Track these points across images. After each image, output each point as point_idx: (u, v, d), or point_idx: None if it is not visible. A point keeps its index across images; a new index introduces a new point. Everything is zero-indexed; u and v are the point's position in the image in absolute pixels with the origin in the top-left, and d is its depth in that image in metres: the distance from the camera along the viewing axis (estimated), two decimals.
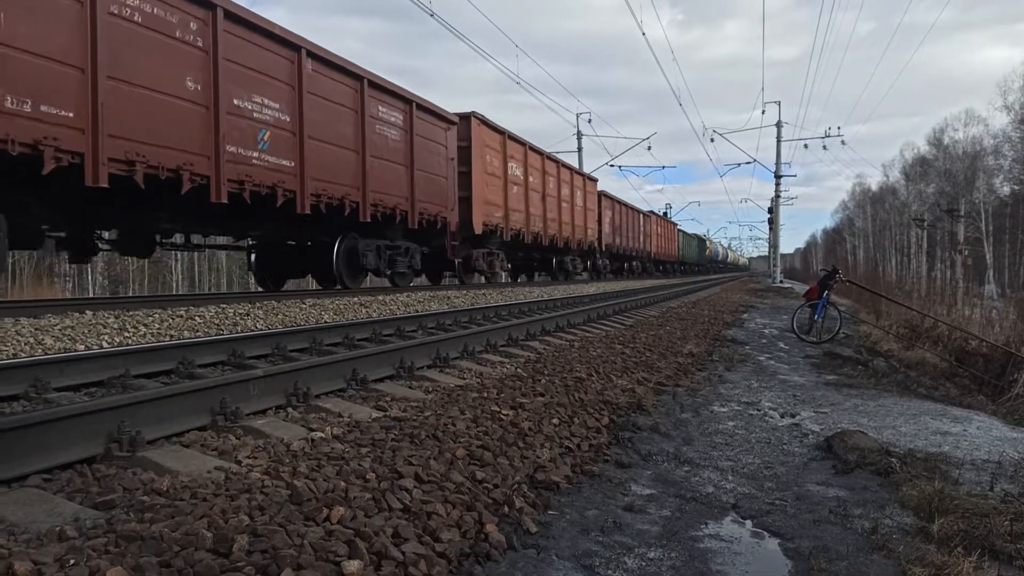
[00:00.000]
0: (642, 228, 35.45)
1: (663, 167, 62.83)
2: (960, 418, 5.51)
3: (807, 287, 13.31)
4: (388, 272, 12.59)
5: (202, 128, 7.78)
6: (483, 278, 17.36)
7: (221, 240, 12.92)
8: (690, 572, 2.50)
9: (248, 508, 2.29)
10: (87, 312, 6.41)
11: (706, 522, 3.02)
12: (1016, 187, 44.42)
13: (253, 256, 12.40)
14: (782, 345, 10.49)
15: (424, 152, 12.68)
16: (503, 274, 19.83)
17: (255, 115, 8.59)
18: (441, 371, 5.49)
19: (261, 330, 6.42)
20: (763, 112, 73.76)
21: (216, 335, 5.96)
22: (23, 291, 30.38)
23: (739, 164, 46.42)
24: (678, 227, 50.13)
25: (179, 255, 41.45)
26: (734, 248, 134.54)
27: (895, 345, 11.22)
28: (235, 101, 8.24)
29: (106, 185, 6.56)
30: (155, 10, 7.13)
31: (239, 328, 6.65)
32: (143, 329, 5.97)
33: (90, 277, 37.30)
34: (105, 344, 5.36)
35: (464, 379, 5.25)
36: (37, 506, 2.35)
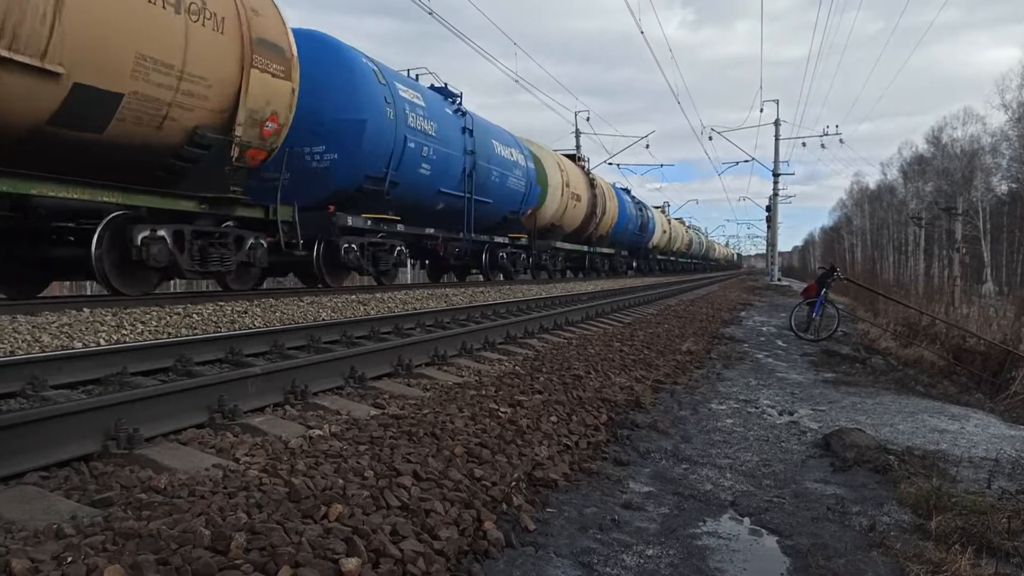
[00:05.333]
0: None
1: (661, 165, 62.72)
2: (958, 416, 5.52)
3: (805, 285, 13.31)
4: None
5: None
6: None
7: None
8: (688, 569, 2.50)
9: (246, 506, 2.29)
10: (84, 310, 6.39)
11: (704, 519, 3.02)
12: (1014, 185, 44.47)
13: None
14: (780, 343, 10.50)
15: None
16: None
17: None
18: (439, 369, 5.49)
19: (259, 328, 6.41)
20: (761, 111, 73.71)
21: (214, 333, 5.95)
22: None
23: (737, 163, 46.57)
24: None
25: None
26: (722, 241, 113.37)
27: (893, 343, 11.23)
28: None
29: None
30: None
31: (237, 326, 6.64)
32: (140, 327, 5.96)
33: None
34: (102, 342, 5.35)
35: (462, 377, 5.24)
36: (34, 504, 2.35)
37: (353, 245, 11.46)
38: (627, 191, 34.69)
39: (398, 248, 12.93)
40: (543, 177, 20.84)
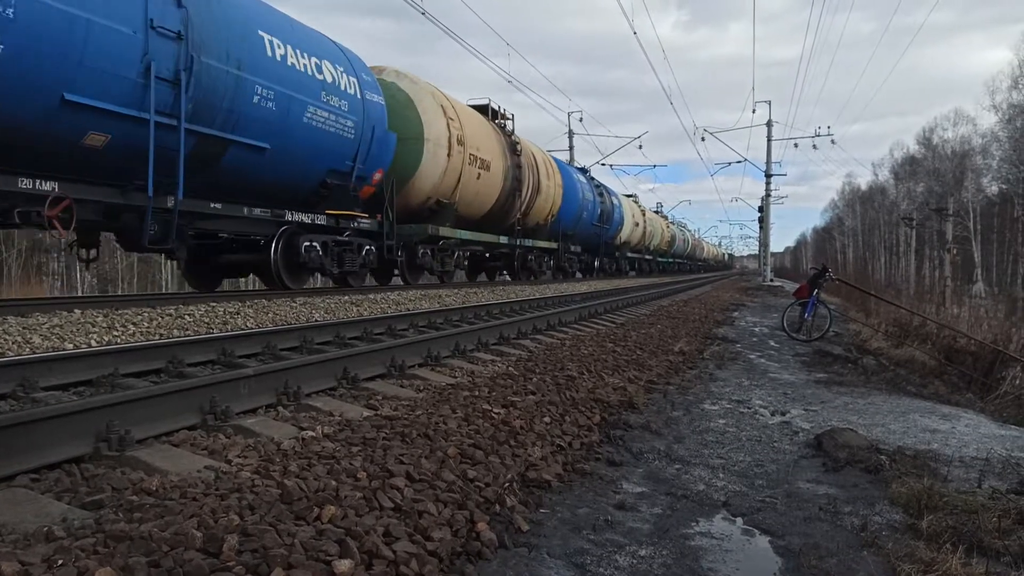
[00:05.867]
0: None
1: (654, 166, 62.89)
2: (949, 416, 5.55)
3: (797, 286, 13.36)
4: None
5: None
6: None
7: None
8: (681, 569, 2.50)
9: (238, 507, 2.28)
10: (75, 311, 6.36)
11: (697, 520, 3.03)
12: (1004, 186, 44.72)
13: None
14: (772, 343, 10.53)
15: None
16: None
17: None
18: (432, 369, 5.49)
19: (251, 329, 6.39)
20: (754, 111, 74.00)
21: (206, 334, 5.93)
22: (11, 289, 30.16)
23: (730, 163, 46.71)
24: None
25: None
26: (714, 241, 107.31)
27: (884, 343, 11.28)
28: None
29: None
30: None
31: (229, 327, 6.62)
32: (132, 328, 5.93)
33: (79, 275, 37.05)
34: (94, 343, 5.32)
35: (455, 378, 5.24)
36: (25, 506, 2.33)
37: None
38: (584, 171, 28.46)
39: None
40: (408, 123, 13.28)
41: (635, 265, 38.94)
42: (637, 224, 35.95)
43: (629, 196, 38.69)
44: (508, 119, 19.45)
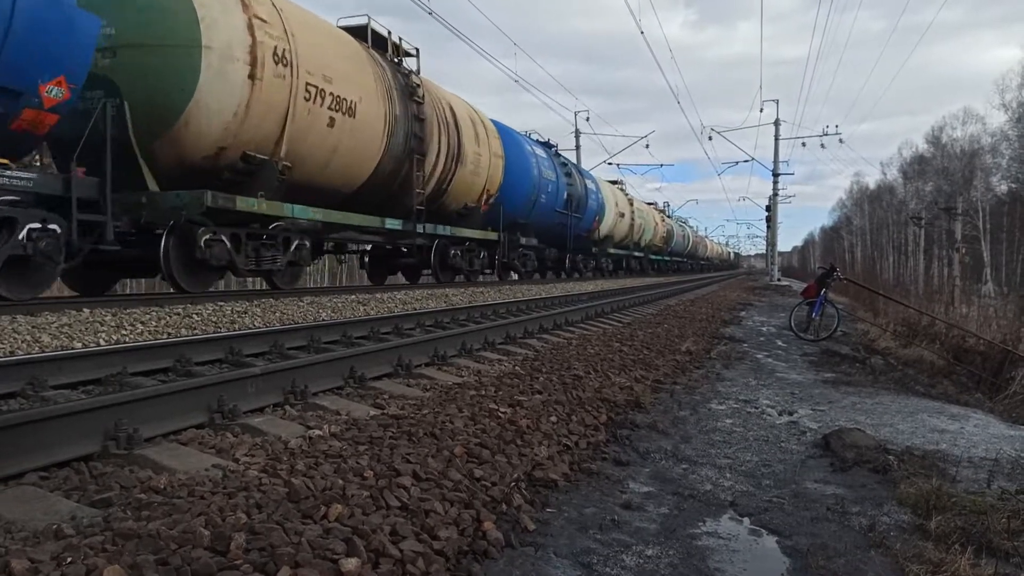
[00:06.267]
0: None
1: (661, 165, 62.76)
2: (957, 416, 5.52)
3: (805, 285, 13.31)
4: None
5: None
6: None
7: None
8: (688, 570, 2.50)
9: (246, 506, 2.29)
10: (84, 310, 6.39)
11: (704, 520, 3.02)
12: (1013, 185, 44.46)
13: None
14: (780, 343, 10.50)
15: None
16: None
17: None
18: (439, 369, 5.49)
19: (259, 328, 6.41)
20: (761, 110, 73.72)
21: (213, 333, 5.95)
22: None
23: (737, 163, 46.54)
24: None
25: None
26: (720, 240, 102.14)
27: (893, 343, 11.23)
28: None
29: None
30: None
31: (236, 326, 6.64)
32: (140, 327, 5.96)
33: None
34: (102, 342, 5.35)
35: (462, 377, 5.24)
36: (34, 504, 2.35)
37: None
38: (548, 145, 22.37)
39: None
40: (162, 18, 8.12)
41: (624, 264, 33.51)
42: (623, 215, 30.37)
43: (614, 183, 33.90)
44: (411, 55, 13.64)
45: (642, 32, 26.24)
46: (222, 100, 8.46)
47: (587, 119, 47.80)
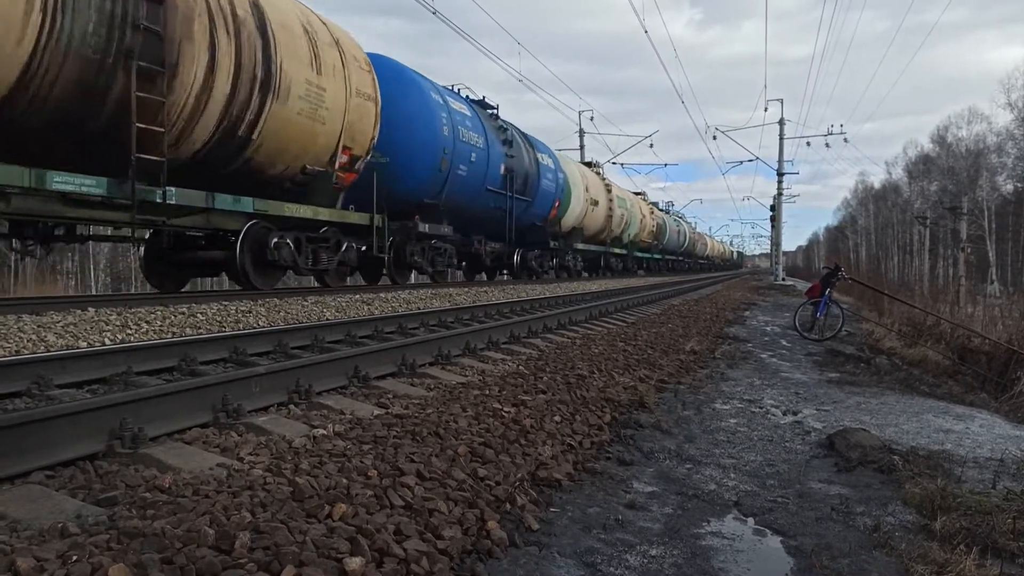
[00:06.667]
0: None
1: (665, 165, 62.67)
2: (963, 416, 5.50)
3: (809, 285, 13.29)
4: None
5: None
6: None
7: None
8: (692, 570, 2.50)
9: (250, 505, 2.29)
10: (89, 309, 6.41)
11: (708, 520, 3.02)
12: (1019, 185, 44.32)
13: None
14: (784, 343, 10.48)
15: None
16: None
17: None
18: (443, 368, 5.49)
19: (263, 327, 6.42)
20: (766, 110, 73.70)
21: (218, 332, 5.96)
22: (26, 288, 30.45)
23: (741, 162, 46.46)
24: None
25: None
26: (724, 240, 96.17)
27: (897, 343, 11.20)
28: None
29: None
30: None
31: (241, 325, 6.65)
32: (145, 326, 5.98)
33: (92, 274, 37.35)
34: (107, 341, 5.37)
35: (466, 376, 5.25)
36: (39, 503, 2.36)
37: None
38: (486, 106, 16.99)
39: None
40: None
41: (602, 262, 28.70)
42: (596, 203, 24.67)
43: (590, 165, 28.12)
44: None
45: (646, 31, 26.22)
46: None
47: (591, 119, 47.77)
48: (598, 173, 27.57)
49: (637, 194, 36.32)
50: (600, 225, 25.97)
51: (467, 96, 16.43)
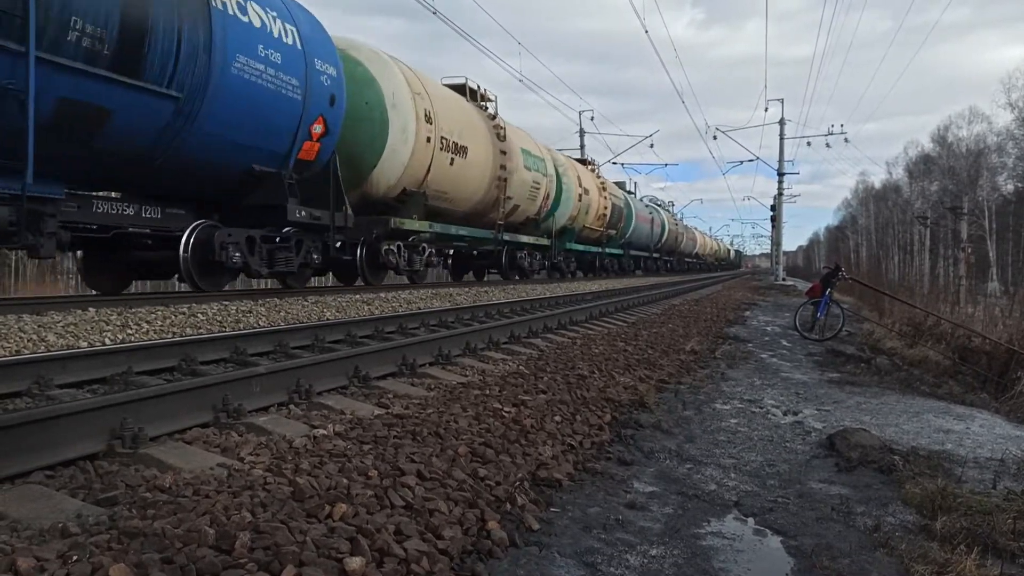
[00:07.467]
0: None
1: (666, 165, 62.56)
2: (963, 416, 5.50)
3: (810, 285, 13.28)
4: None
5: None
6: None
7: None
8: (692, 570, 2.50)
9: (250, 505, 2.30)
10: (90, 309, 6.41)
11: (708, 520, 3.02)
12: (1020, 185, 44.29)
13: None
14: (784, 343, 10.48)
15: None
16: None
17: None
18: (443, 368, 5.49)
19: (263, 327, 6.42)
20: (766, 110, 73.70)
21: (218, 332, 5.96)
22: (26, 288, 30.43)
23: (742, 162, 46.37)
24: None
25: None
26: (725, 240, 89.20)
27: (898, 343, 11.19)
28: None
29: None
30: None
31: (241, 325, 6.65)
32: (145, 326, 5.98)
33: None
34: (108, 341, 5.37)
35: (466, 376, 5.25)
36: (40, 502, 2.36)
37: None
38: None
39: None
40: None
41: (523, 261, 19.45)
42: (461, 150, 14.13)
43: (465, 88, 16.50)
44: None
45: (646, 31, 26.22)
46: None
47: (592, 119, 47.70)
48: (497, 119, 16.89)
49: (582, 161, 27.23)
50: (510, 210, 17.38)
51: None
